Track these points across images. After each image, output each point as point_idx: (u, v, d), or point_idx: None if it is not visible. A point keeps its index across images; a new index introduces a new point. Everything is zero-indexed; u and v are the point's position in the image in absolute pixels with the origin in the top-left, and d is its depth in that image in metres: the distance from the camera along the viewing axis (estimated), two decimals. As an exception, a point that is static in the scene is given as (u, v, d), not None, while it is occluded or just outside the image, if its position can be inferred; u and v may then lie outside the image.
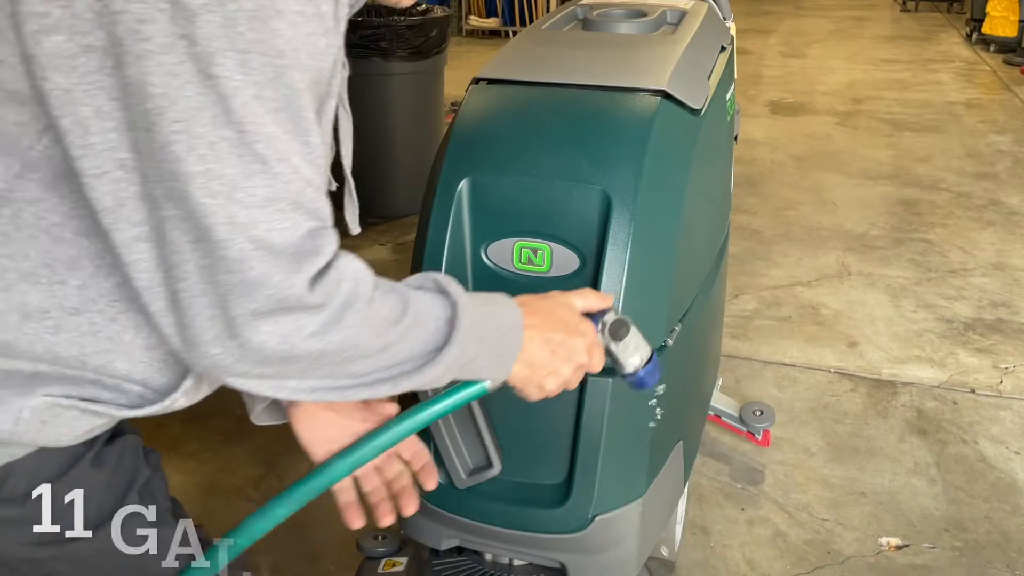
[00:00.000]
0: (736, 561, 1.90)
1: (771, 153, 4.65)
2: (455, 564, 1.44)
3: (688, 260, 1.42)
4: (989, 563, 1.89)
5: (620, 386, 1.25)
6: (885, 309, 3.02)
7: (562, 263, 1.29)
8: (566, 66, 1.48)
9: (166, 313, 0.63)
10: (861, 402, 2.50)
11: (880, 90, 5.84)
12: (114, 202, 0.61)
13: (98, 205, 0.61)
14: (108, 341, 0.69)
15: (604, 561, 1.32)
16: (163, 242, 0.61)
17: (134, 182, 0.60)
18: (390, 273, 0.72)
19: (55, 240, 0.65)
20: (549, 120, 1.35)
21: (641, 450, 1.31)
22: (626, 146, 1.28)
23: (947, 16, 8.60)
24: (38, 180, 0.64)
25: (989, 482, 2.14)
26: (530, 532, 1.29)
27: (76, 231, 0.66)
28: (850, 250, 3.47)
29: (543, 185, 1.28)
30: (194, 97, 0.58)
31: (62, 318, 0.66)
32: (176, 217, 0.60)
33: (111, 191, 0.60)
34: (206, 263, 0.61)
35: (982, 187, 4.08)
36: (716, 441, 2.28)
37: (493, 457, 1.26)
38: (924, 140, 4.79)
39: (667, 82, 1.37)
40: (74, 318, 0.67)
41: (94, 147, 0.59)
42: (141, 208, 0.61)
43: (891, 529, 1.98)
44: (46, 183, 0.64)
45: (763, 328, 2.91)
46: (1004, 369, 2.65)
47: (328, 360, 0.68)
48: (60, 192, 0.64)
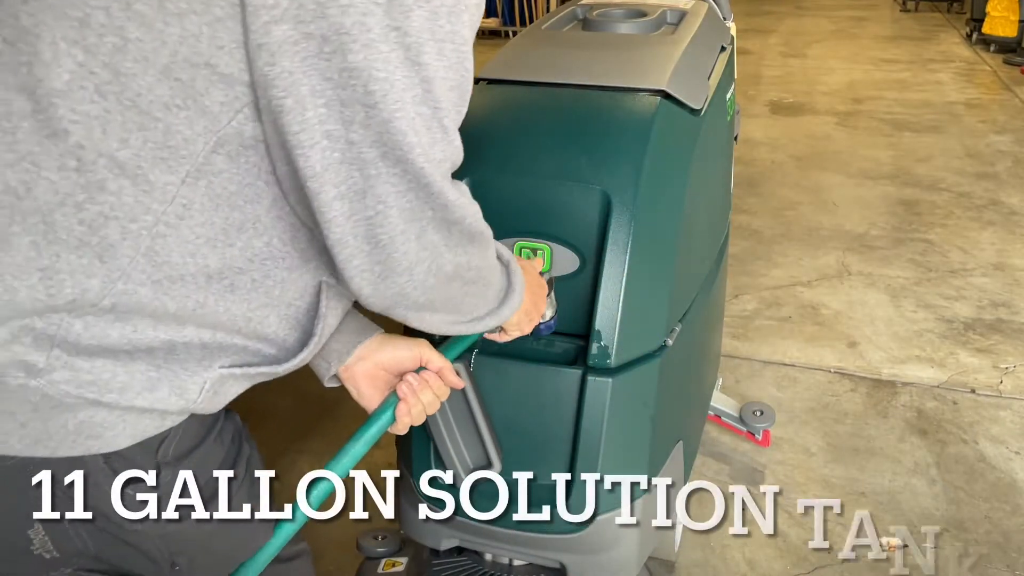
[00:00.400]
0: (736, 561, 1.90)
1: (771, 153, 4.65)
2: (455, 564, 1.44)
3: (688, 260, 1.42)
4: (989, 563, 1.89)
5: (620, 386, 1.26)
6: (885, 309, 3.02)
7: (562, 263, 1.29)
8: (566, 66, 1.48)
9: (357, 256, 0.74)
10: (861, 402, 2.50)
11: (880, 90, 5.84)
12: (322, 168, 0.70)
13: (308, 172, 0.70)
14: (265, 296, 0.79)
15: (604, 561, 1.32)
16: (362, 199, 0.71)
17: (337, 149, 0.70)
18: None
19: (232, 207, 0.74)
20: (549, 120, 1.35)
21: (641, 450, 1.31)
22: (626, 146, 1.28)
23: (947, 16, 8.60)
24: (225, 154, 0.72)
25: (989, 482, 2.14)
26: (530, 532, 1.29)
27: (246, 199, 0.75)
28: (850, 250, 3.47)
29: (543, 185, 1.28)
30: (402, 80, 0.69)
31: (234, 277, 0.76)
32: (390, 174, 0.71)
33: (320, 159, 0.70)
34: (415, 206, 0.74)
35: (982, 187, 4.08)
36: (716, 441, 2.28)
37: (493, 457, 1.26)
38: (924, 140, 4.79)
39: (667, 82, 1.37)
40: (240, 276, 0.76)
41: (309, 121, 0.68)
42: (341, 171, 0.70)
43: (891, 529, 1.98)
44: (230, 156, 0.72)
45: (763, 328, 2.91)
46: (1004, 369, 2.65)
47: (467, 285, 0.85)
48: (238, 164, 0.73)
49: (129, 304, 0.71)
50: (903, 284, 3.19)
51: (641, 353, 1.29)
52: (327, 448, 2.32)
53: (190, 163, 0.70)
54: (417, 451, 1.33)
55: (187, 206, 0.71)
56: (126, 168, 0.68)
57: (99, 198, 0.68)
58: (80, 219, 0.68)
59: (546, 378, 1.28)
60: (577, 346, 1.32)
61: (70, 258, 0.68)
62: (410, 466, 1.35)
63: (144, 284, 0.71)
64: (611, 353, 1.25)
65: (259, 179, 0.75)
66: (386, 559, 1.53)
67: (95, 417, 0.74)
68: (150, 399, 0.75)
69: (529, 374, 1.29)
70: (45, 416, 0.72)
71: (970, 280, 3.20)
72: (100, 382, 0.72)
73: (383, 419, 0.99)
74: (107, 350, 0.72)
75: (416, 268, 0.77)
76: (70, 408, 0.72)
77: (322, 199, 0.72)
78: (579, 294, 1.29)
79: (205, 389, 0.78)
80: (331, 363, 0.98)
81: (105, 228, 0.68)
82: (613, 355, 1.25)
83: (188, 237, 0.72)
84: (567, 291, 1.31)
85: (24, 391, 0.70)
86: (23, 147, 0.66)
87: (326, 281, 0.84)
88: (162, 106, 0.68)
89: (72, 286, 0.68)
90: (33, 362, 0.70)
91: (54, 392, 0.71)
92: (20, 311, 0.68)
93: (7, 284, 0.67)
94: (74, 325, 0.70)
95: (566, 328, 1.34)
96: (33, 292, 0.68)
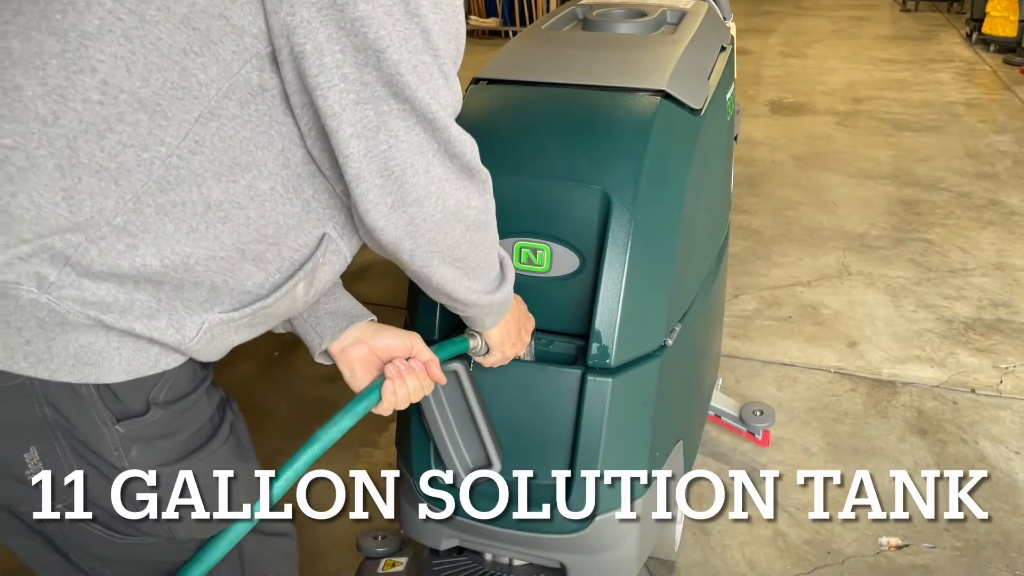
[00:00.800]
0: (736, 561, 1.90)
1: (771, 153, 4.65)
2: (455, 564, 1.44)
3: (688, 260, 1.42)
4: (989, 563, 1.89)
5: (620, 386, 1.26)
6: (885, 309, 3.02)
7: (562, 263, 1.29)
8: (566, 66, 1.48)
9: (373, 189, 0.82)
10: (861, 402, 2.50)
11: (880, 90, 5.84)
12: (340, 107, 0.78)
13: (328, 111, 0.79)
14: (258, 234, 0.85)
15: (604, 561, 1.32)
16: (376, 134, 0.80)
17: (352, 91, 0.78)
18: (390, 274, 0.75)
19: (241, 150, 0.81)
20: (549, 120, 1.35)
21: (641, 450, 1.31)
22: (626, 146, 1.29)
23: (947, 16, 8.60)
24: (236, 100, 0.79)
25: (989, 482, 2.14)
26: (530, 532, 1.29)
27: (257, 145, 0.82)
28: (850, 250, 3.47)
29: (543, 185, 1.28)
30: (404, 30, 0.78)
31: (230, 211, 0.82)
32: (400, 111, 0.80)
33: (338, 99, 0.78)
34: (423, 139, 0.82)
35: (982, 187, 4.08)
36: (716, 441, 2.29)
37: (493, 456, 1.26)
38: (924, 140, 4.79)
39: (667, 82, 1.37)
40: (237, 211, 0.83)
41: (327, 65, 0.77)
42: (357, 111, 0.79)
43: (891, 529, 1.98)
44: (241, 103, 0.80)
45: (763, 328, 2.91)
46: (1004, 369, 2.65)
47: (469, 230, 0.92)
48: (248, 111, 0.80)
49: (137, 224, 0.78)
50: (903, 284, 3.19)
51: (641, 353, 1.29)
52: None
53: (203, 104, 0.78)
54: (417, 451, 1.33)
55: (199, 142, 0.78)
56: (145, 104, 0.76)
57: (118, 128, 0.75)
58: (101, 146, 0.75)
59: (546, 378, 1.28)
60: (577, 346, 1.32)
61: (90, 180, 0.75)
62: (410, 466, 1.35)
63: (150, 206, 0.78)
64: (611, 353, 1.25)
65: (270, 128, 0.82)
66: (386, 559, 1.53)
67: (94, 344, 0.80)
68: (148, 326, 0.81)
69: (529, 374, 1.29)
70: (49, 335, 0.78)
71: (970, 280, 3.20)
72: (103, 303, 0.78)
73: (371, 397, 1.04)
74: (115, 276, 0.78)
75: (425, 201, 0.85)
76: (72, 329, 0.78)
77: (340, 137, 0.80)
78: (579, 294, 1.29)
79: (203, 330, 0.84)
80: (323, 338, 1.06)
81: (122, 155, 0.76)
82: (613, 355, 1.25)
83: (197, 170, 0.79)
84: (567, 291, 1.31)
85: (34, 306, 0.77)
86: (53, 81, 0.74)
87: (329, 234, 0.91)
88: (180, 51, 0.76)
89: (91, 205, 0.76)
90: (45, 275, 0.76)
91: (60, 308, 0.77)
92: (43, 228, 0.75)
93: (33, 200, 0.74)
94: (89, 250, 0.77)
95: (566, 328, 1.34)
96: (56, 209, 0.75)
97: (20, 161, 0.74)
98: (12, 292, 0.76)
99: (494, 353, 1.21)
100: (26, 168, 0.74)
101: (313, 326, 1.06)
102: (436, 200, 0.86)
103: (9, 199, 0.74)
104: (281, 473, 0.98)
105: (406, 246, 0.88)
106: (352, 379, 1.07)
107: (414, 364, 1.07)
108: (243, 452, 0.97)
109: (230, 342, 0.90)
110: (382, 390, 1.04)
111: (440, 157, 0.85)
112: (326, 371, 1.10)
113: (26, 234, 0.75)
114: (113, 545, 0.89)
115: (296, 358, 2.75)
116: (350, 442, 2.25)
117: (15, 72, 0.74)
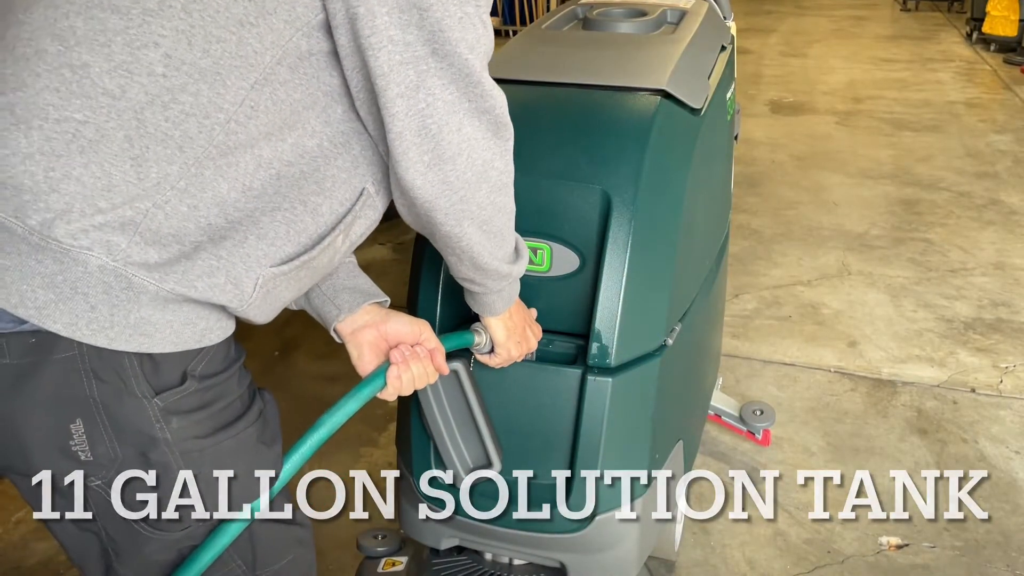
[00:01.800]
0: (736, 560, 1.90)
1: (771, 153, 4.64)
2: (455, 564, 1.44)
3: (688, 260, 1.42)
4: (989, 562, 1.89)
5: (620, 386, 1.26)
6: (885, 309, 3.02)
7: (562, 263, 1.29)
8: (566, 65, 1.48)
9: (412, 148, 0.87)
10: (861, 402, 2.50)
11: (880, 89, 5.84)
12: (388, 68, 0.83)
13: (377, 71, 0.83)
14: (316, 186, 0.90)
15: (604, 560, 1.32)
16: (416, 93, 0.84)
17: (397, 52, 0.83)
18: (390, 273, 0.75)
19: (291, 111, 0.86)
20: (549, 119, 1.35)
21: (641, 449, 1.31)
22: (626, 145, 1.28)
23: (947, 15, 8.59)
24: (287, 65, 0.84)
25: (989, 481, 2.14)
26: (530, 532, 1.29)
27: (304, 105, 0.87)
28: (850, 250, 3.47)
29: (543, 184, 1.28)
30: None
31: (280, 168, 0.87)
32: (438, 68, 0.85)
33: (387, 59, 0.83)
34: (456, 97, 0.87)
35: (982, 186, 4.08)
36: (716, 440, 2.29)
37: (493, 456, 1.26)
38: (924, 139, 4.79)
39: (667, 81, 1.37)
40: (288, 168, 0.87)
41: (378, 27, 0.82)
42: (402, 71, 0.83)
43: (891, 528, 1.98)
44: (291, 67, 0.84)
45: (763, 328, 2.91)
46: (1004, 368, 2.65)
47: (493, 191, 0.95)
48: (298, 74, 0.85)
49: (197, 186, 0.82)
50: (903, 284, 3.19)
51: (641, 353, 1.29)
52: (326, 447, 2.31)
53: (258, 72, 0.83)
54: (417, 451, 1.33)
55: (254, 107, 0.83)
56: (206, 74, 0.80)
57: (181, 98, 0.80)
58: (166, 116, 0.80)
59: (546, 378, 1.28)
60: (577, 346, 1.32)
61: (156, 149, 0.80)
62: (410, 466, 1.35)
63: (209, 168, 0.82)
64: (611, 353, 1.25)
65: (317, 89, 0.87)
66: (386, 558, 1.53)
67: (152, 316, 0.83)
68: (209, 284, 0.84)
69: (529, 374, 1.29)
70: (113, 301, 0.81)
71: (970, 279, 3.20)
72: (167, 265, 0.82)
73: (376, 382, 1.06)
74: (178, 239, 0.82)
75: (457, 158, 0.89)
76: (136, 297, 0.82)
77: (387, 96, 0.85)
78: (579, 293, 1.29)
79: (259, 285, 0.88)
80: (340, 311, 1.09)
81: (186, 123, 0.80)
82: (613, 355, 1.25)
83: (252, 133, 0.84)
84: (567, 290, 1.31)
85: (102, 272, 0.80)
86: (118, 57, 0.78)
87: (367, 189, 0.95)
88: (237, 22, 0.81)
89: (157, 172, 0.80)
90: (116, 242, 0.79)
91: (127, 272, 0.80)
92: (115, 197, 0.79)
93: (105, 170, 0.78)
94: (156, 215, 0.81)
95: (566, 328, 1.34)
96: (126, 177, 0.79)
97: (91, 134, 0.78)
98: (83, 258, 0.79)
99: (499, 352, 1.21)
100: (96, 140, 0.78)
101: (331, 298, 1.09)
102: (467, 158, 0.90)
103: (82, 170, 0.78)
104: (288, 457, 0.99)
105: (441, 204, 0.92)
106: (359, 361, 1.10)
107: (419, 351, 1.09)
108: (268, 437, 0.99)
109: (282, 298, 0.94)
110: (387, 375, 1.06)
111: (470, 116, 0.89)
112: (326, 371, 1.11)
113: (100, 203, 0.78)
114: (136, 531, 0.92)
115: (296, 358, 2.75)
116: (350, 442, 2.25)
117: (81, 50, 0.78)
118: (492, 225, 1.00)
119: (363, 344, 1.09)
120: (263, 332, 2.89)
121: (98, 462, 0.86)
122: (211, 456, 0.91)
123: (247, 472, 0.95)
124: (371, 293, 1.11)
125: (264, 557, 1.00)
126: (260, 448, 0.97)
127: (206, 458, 0.90)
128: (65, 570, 1.92)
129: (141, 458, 0.87)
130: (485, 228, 0.99)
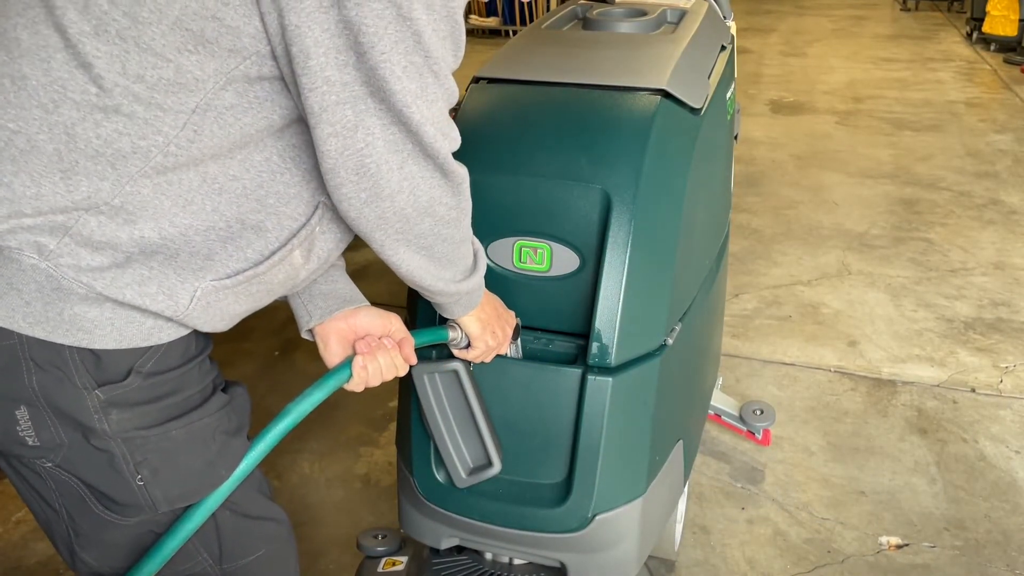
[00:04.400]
0: (736, 560, 1.90)
1: (771, 152, 4.64)
2: (455, 563, 1.44)
3: (688, 259, 1.42)
4: (989, 562, 1.89)
5: (620, 386, 1.25)
6: (885, 308, 3.02)
7: (562, 262, 1.29)
8: (566, 65, 1.48)
9: (347, 183, 0.86)
10: (861, 401, 2.50)
11: (880, 89, 5.84)
12: (319, 108, 0.82)
13: (309, 110, 0.82)
14: (258, 203, 0.89)
15: (604, 560, 1.32)
16: (353, 132, 0.83)
17: (333, 92, 0.81)
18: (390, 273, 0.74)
19: (241, 133, 0.85)
20: (549, 119, 1.35)
21: (641, 449, 1.31)
22: (626, 145, 1.28)
23: (947, 15, 8.59)
24: (234, 90, 0.83)
25: (989, 481, 2.14)
26: (530, 531, 1.29)
27: (254, 125, 0.86)
28: (850, 249, 3.47)
29: (543, 184, 1.28)
30: (394, 33, 0.80)
31: (225, 183, 0.87)
32: (377, 109, 0.83)
33: (318, 101, 0.82)
34: (398, 138, 0.85)
35: (982, 186, 4.08)
36: (716, 440, 2.29)
37: (493, 456, 1.26)
38: (924, 139, 4.79)
39: (667, 81, 1.37)
40: (232, 183, 0.87)
41: (311, 68, 0.80)
42: (336, 112, 0.82)
43: (891, 528, 1.98)
44: (239, 92, 0.83)
45: (763, 327, 2.91)
46: (1004, 368, 2.65)
47: (438, 225, 0.94)
48: (247, 97, 0.84)
49: (134, 203, 0.83)
50: (903, 283, 3.19)
51: (641, 352, 1.29)
52: (326, 448, 2.32)
53: (199, 96, 0.82)
54: (417, 451, 1.33)
55: (197, 131, 0.83)
56: (140, 97, 0.81)
57: (114, 118, 0.81)
58: (97, 134, 0.81)
59: (546, 377, 1.28)
60: (577, 345, 1.32)
61: (87, 164, 0.81)
62: (410, 466, 1.35)
63: (147, 187, 0.83)
64: (611, 352, 1.25)
65: (271, 112, 0.86)
66: (386, 558, 1.53)
67: (88, 313, 0.85)
68: (139, 292, 0.85)
69: (529, 374, 1.29)
70: (46, 299, 0.84)
71: (970, 279, 3.20)
72: (97, 270, 0.83)
73: (342, 373, 1.05)
74: (111, 247, 0.83)
75: (397, 196, 0.88)
76: (68, 296, 0.83)
77: (318, 134, 0.84)
78: (579, 293, 1.29)
79: (196, 297, 0.88)
80: (311, 317, 1.08)
81: (118, 142, 0.81)
82: (613, 354, 1.25)
83: (195, 155, 0.84)
84: (567, 290, 1.31)
85: (34, 271, 0.83)
86: (55, 73, 0.80)
87: (324, 202, 0.94)
88: (175, 50, 0.80)
89: (87, 186, 0.81)
90: (45, 244, 0.82)
91: (57, 274, 0.83)
92: (43, 205, 0.81)
93: (34, 179, 0.81)
94: (88, 222, 0.82)
95: (566, 327, 1.34)
96: (55, 188, 0.81)
97: (22, 144, 0.80)
98: (16, 256, 0.82)
99: (476, 345, 1.21)
100: (27, 151, 0.80)
101: (304, 303, 1.08)
102: (408, 195, 0.89)
103: (12, 178, 0.81)
104: (254, 446, 0.99)
105: (376, 236, 0.91)
106: (325, 352, 1.09)
107: (386, 341, 1.08)
108: (232, 428, 0.99)
109: (232, 311, 0.93)
110: (353, 366, 1.05)
111: (415, 155, 0.87)
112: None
113: (27, 209, 0.81)
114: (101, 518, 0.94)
115: (296, 358, 2.75)
116: (350, 442, 2.24)
117: (22, 63, 0.80)
118: (435, 252, 0.98)
119: (329, 334, 1.09)
120: (263, 332, 2.89)
121: (45, 446, 0.89)
122: (156, 444, 0.91)
123: (204, 462, 0.95)
124: (348, 299, 1.09)
125: (231, 550, 1.01)
126: (221, 438, 0.97)
127: (150, 446, 0.91)
128: (65, 570, 1.92)
129: (86, 443, 0.89)
130: (427, 254, 0.97)
